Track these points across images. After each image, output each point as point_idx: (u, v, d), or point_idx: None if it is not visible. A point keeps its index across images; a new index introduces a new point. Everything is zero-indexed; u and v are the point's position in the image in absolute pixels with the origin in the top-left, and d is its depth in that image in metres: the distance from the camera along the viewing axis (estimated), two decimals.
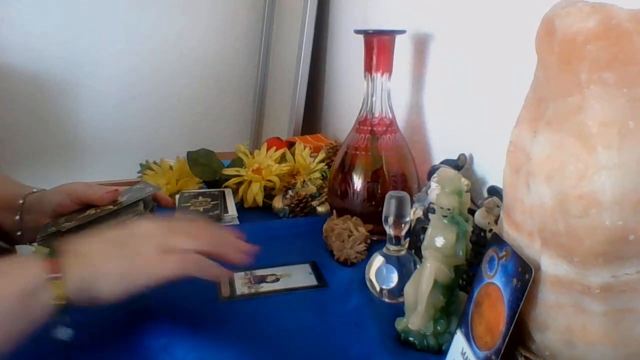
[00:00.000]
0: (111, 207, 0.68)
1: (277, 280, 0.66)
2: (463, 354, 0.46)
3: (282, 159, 0.95)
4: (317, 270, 0.69)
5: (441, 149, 0.87)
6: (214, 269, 0.54)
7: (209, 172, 0.96)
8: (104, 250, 0.51)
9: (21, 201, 0.73)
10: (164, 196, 0.77)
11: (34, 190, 0.75)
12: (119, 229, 0.55)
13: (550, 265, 0.40)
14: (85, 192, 0.70)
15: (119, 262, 0.50)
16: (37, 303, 0.46)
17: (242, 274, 0.68)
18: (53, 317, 0.47)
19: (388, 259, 0.61)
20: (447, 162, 0.77)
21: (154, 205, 0.75)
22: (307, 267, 0.70)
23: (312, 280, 0.67)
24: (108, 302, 0.49)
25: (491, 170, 0.75)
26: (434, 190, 0.66)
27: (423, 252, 0.52)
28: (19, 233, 0.74)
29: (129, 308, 0.54)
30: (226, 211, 0.84)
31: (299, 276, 0.67)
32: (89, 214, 0.68)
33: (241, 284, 0.66)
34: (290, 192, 0.89)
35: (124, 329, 0.54)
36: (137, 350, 0.51)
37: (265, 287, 0.65)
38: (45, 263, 0.47)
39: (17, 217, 0.73)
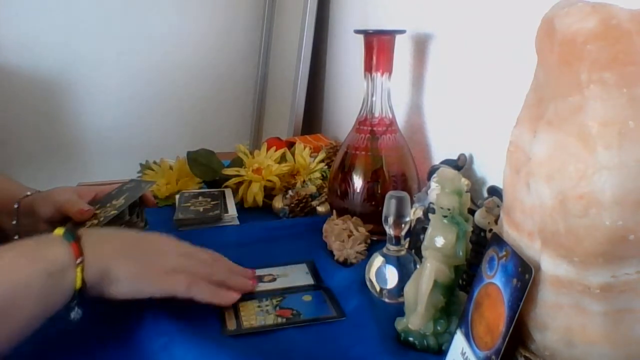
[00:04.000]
0: (98, 221, 0.67)
1: (274, 279, 0.67)
2: (463, 354, 0.46)
3: (282, 159, 0.95)
4: (314, 270, 0.69)
5: (441, 149, 0.87)
6: (217, 294, 0.57)
7: (209, 172, 0.96)
8: (123, 249, 0.54)
9: (16, 206, 0.73)
10: (150, 196, 0.78)
11: (29, 193, 0.75)
12: (139, 233, 0.59)
13: (550, 265, 0.40)
14: (63, 205, 0.69)
15: (135, 265, 0.52)
16: (61, 284, 0.47)
17: None
18: (71, 300, 0.48)
19: (388, 259, 0.61)
20: (447, 162, 0.77)
21: (142, 210, 0.75)
22: (304, 267, 0.70)
23: (309, 280, 0.67)
24: (114, 298, 0.51)
25: (491, 170, 0.75)
26: (434, 190, 0.66)
27: (423, 252, 0.52)
28: (16, 237, 0.74)
29: (129, 306, 0.54)
30: (226, 211, 0.84)
31: (296, 276, 0.68)
32: (91, 225, 0.68)
33: None
34: (290, 192, 0.89)
35: (124, 328, 0.54)
36: (137, 349, 0.51)
37: (263, 287, 0.65)
38: (70, 245, 0.49)
39: (14, 222, 0.73)
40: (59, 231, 0.50)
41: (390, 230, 0.59)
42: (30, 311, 0.45)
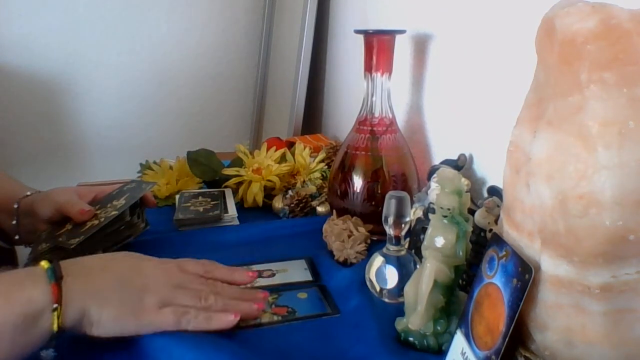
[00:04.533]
0: (99, 221, 0.68)
1: (273, 275, 0.67)
2: (463, 354, 0.46)
3: (282, 159, 0.95)
4: (312, 266, 0.70)
5: (441, 149, 0.87)
6: (211, 320, 0.52)
7: (209, 172, 0.96)
8: (108, 285, 0.50)
9: (16, 205, 0.73)
10: (149, 196, 0.77)
11: (29, 193, 0.75)
12: (129, 261, 0.54)
13: (550, 265, 0.40)
14: (64, 206, 0.69)
15: (116, 306, 0.49)
16: (37, 327, 0.45)
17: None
18: (47, 343, 0.46)
19: (388, 259, 0.61)
20: (447, 162, 0.77)
21: (143, 210, 0.75)
22: (302, 263, 0.71)
23: (307, 276, 0.68)
24: (97, 336, 0.49)
25: (491, 170, 0.75)
26: (434, 190, 0.66)
27: (423, 252, 0.52)
28: (17, 237, 0.74)
29: None
30: (226, 211, 0.84)
31: (294, 271, 0.68)
32: (91, 225, 0.68)
33: None
34: (290, 192, 0.89)
35: None
36: (137, 348, 0.51)
37: (262, 282, 0.65)
38: (50, 287, 0.46)
39: (14, 222, 0.73)
40: (44, 265, 0.48)
41: (390, 230, 0.59)
42: (3, 351, 0.43)
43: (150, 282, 0.53)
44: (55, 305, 0.45)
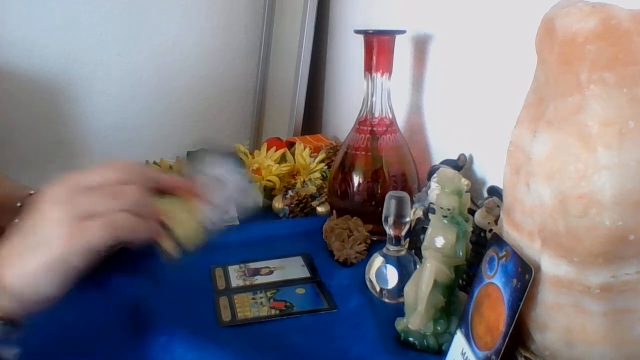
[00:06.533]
0: None
1: (271, 272, 0.68)
2: (463, 354, 0.46)
3: (282, 159, 0.95)
4: (310, 263, 0.70)
5: (441, 149, 0.87)
6: (149, 226, 0.45)
7: None
8: (13, 247, 0.43)
9: (19, 204, 0.73)
10: None
11: (32, 192, 0.75)
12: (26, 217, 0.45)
13: (550, 265, 0.40)
14: None
15: (35, 254, 0.42)
16: None
17: (236, 266, 0.69)
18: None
19: (388, 259, 0.61)
20: (447, 162, 0.77)
21: None
22: (299, 260, 0.71)
23: (305, 273, 0.68)
24: (51, 301, 0.43)
25: (491, 170, 0.75)
26: (434, 190, 0.66)
27: (423, 252, 0.52)
28: None
29: (129, 306, 0.54)
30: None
31: (292, 268, 0.69)
32: None
33: (236, 277, 0.67)
34: (290, 192, 0.89)
35: (124, 327, 0.54)
36: (137, 348, 0.51)
37: (260, 280, 0.66)
38: None
39: (17, 221, 0.72)
40: None
41: (390, 230, 0.59)
42: None
43: (47, 205, 0.44)
44: None
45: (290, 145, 1.07)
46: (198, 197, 0.49)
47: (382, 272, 0.61)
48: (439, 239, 0.50)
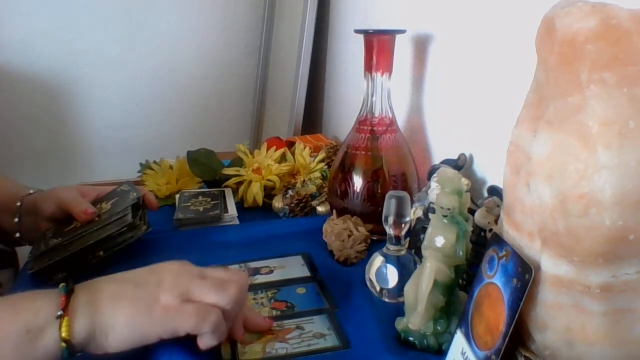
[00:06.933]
0: (96, 218, 0.68)
1: (271, 272, 0.68)
2: (463, 353, 0.46)
3: (282, 158, 0.95)
4: (309, 262, 0.70)
5: (441, 149, 0.87)
6: (226, 332, 0.48)
7: (209, 171, 0.96)
8: (121, 287, 0.46)
9: (19, 203, 0.73)
10: (151, 199, 0.77)
11: (31, 191, 0.75)
12: (145, 268, 0.49)
13: (550, 265, 0.40)
14: (68, 203, 0.69)
15: (134, 306, 0.44)
16: (41, 342, 0.42)
17: (236, 266, 0.69)
18: None
19: (388, 259, 0.61)
20: (447, 162, 0.77)
21: (145, 212, 0.75)
22: (299, 259, 0.71)
23: (305, 272, 0.68)
24: (112, 352, 0.44)
25: (491, 170, 0.75)
26: (434, 190, 0.66)
27: (423, 252, 0.52)
28: (17, 235, 0.74)
29: None
30: (226, 211, 0.84)
31: (292, 268, 0.69)
32: (74, 226, 0.68)
33: None
34: (290, 192, 0.89)
35: None
36: (137, 348, 0.51)
37: (260, 279, 0.66)
38: (58, 298, 0.43)
39: (16, 220, 0.73)
40: (61, 285, 0.45)
41: (390, 230, 0.59)
42: None
43: (165, 273, 0.47)
44: (59, 312, 0.42)
45: (290, 144, 1.07)
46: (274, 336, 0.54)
47: (382, 272, 0.61)
48: (439, 239, 0.50)
